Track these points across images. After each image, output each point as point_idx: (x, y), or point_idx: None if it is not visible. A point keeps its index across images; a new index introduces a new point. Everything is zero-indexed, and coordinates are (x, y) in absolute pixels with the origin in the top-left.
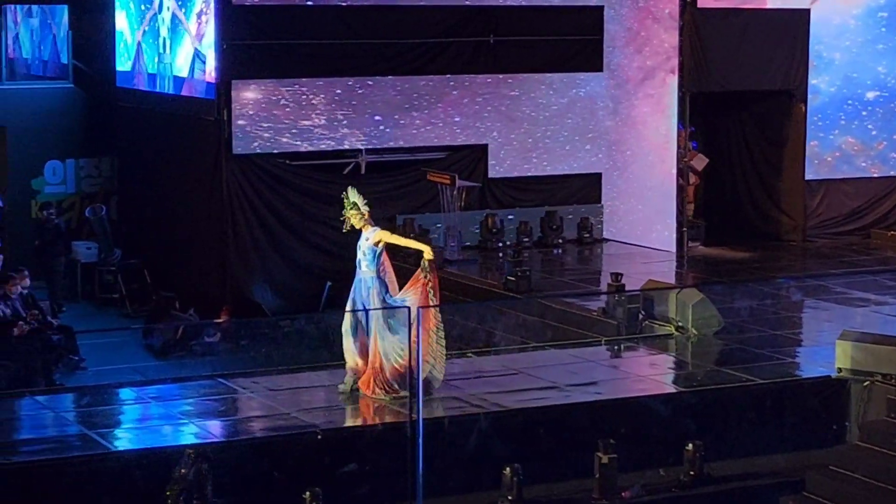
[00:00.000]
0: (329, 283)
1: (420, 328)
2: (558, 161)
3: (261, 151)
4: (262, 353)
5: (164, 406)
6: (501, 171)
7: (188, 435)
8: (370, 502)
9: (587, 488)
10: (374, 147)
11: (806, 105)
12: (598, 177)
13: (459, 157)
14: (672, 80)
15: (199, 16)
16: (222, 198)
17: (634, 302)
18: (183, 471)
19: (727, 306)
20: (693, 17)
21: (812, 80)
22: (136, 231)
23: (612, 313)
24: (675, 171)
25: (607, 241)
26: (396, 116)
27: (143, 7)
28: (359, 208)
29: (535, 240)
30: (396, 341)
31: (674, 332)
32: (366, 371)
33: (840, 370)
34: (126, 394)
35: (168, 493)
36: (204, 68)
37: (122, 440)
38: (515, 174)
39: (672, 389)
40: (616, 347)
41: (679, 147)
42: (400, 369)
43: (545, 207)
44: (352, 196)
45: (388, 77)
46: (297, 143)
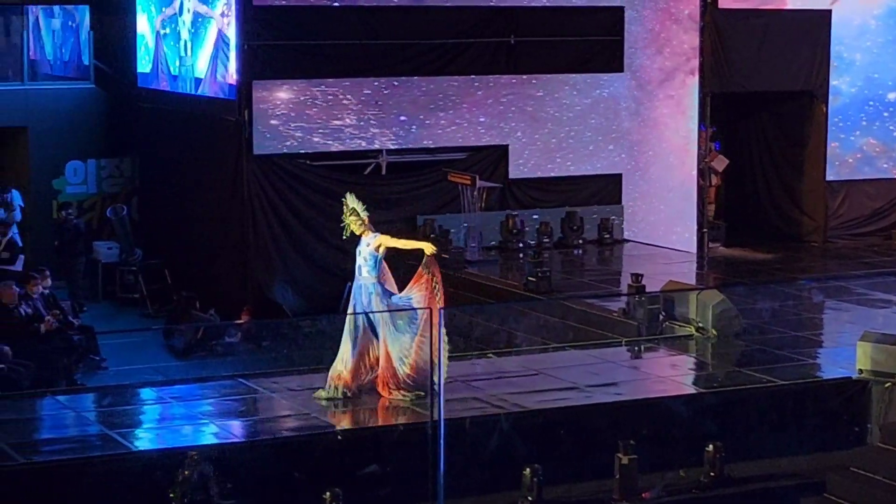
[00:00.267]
0: (349, 284)
1: (432, 328)
2: (581, 161)
3: (286, 152)
4: (282, 353)
5: (184, 406)
6: (525, 171)
7: (208, 435)
8: (390, 503)
9: (607, 489)
10: (399, 147)
11: (827, 106)
12: (619, 177)
13: (480, 158)
14: (692, 81)
15: (222, 17)
16: (243, 198)
17: (655, 303)
18: (186, 473)
19: (748, 307)
20: (714, 17)
21: (833, 81)
22: (157, 231)
23: (633, 314)
24: (695, 172)
25: (628, 241)
26: (422, 117)
27: (163, 9)
28: (358, 214)
29: (555, 240)
30: (406, 341)
31: (694, 333)
32: (354, 379)
33: (861, 371)
34: (147, 394)
35: (171, 495)
36: (225, 69)
37: (143, 440)
38: (538, 175)
39: (692, 390)
40: (636, 348)
41: (700, 148)
42: (414, 368)
43: (566, 208)
44: (351, 202)
45: (414, 77)
46: (325, 143)
